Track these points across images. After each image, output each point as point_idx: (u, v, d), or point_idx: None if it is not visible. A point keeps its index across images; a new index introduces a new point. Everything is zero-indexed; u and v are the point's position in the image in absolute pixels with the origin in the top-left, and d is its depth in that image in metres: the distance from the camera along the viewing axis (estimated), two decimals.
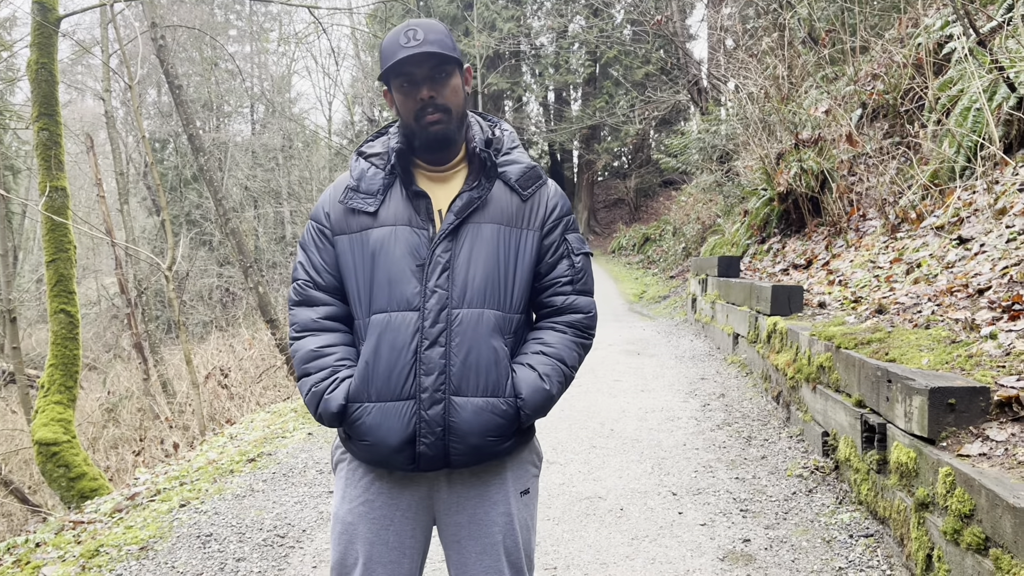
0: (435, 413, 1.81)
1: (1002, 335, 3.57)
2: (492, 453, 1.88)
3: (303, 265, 1.97)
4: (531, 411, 1.88)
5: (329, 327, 1.94)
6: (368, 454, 1.88)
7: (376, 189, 1.92)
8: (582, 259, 2.02)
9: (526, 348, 1.97)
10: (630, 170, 32.76)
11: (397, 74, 1.86)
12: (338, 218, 1.94)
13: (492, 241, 1.88)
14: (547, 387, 1.89)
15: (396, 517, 1.94)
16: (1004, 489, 2.38)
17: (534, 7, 32.80)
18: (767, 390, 6.27)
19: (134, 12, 21.14)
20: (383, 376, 1.82)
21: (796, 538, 3.68)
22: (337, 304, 1.96)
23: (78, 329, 9.21)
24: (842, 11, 11.15)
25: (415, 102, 1.86)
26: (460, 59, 1.91)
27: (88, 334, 23.42)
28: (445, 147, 1.93)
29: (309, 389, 1.87)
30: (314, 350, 1.90)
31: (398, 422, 1.81)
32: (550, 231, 1.97)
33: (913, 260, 5.78)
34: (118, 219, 20.48)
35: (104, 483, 8.56)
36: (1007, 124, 5.92)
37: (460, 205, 1.89)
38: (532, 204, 1.96)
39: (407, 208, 1.90)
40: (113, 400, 16.31)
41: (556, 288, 1.99)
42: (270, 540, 4.12)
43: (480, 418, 1.82)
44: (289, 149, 32.68)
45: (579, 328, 2.00)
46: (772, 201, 10.50)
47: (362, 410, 1.83)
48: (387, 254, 1.86)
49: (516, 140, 2.04)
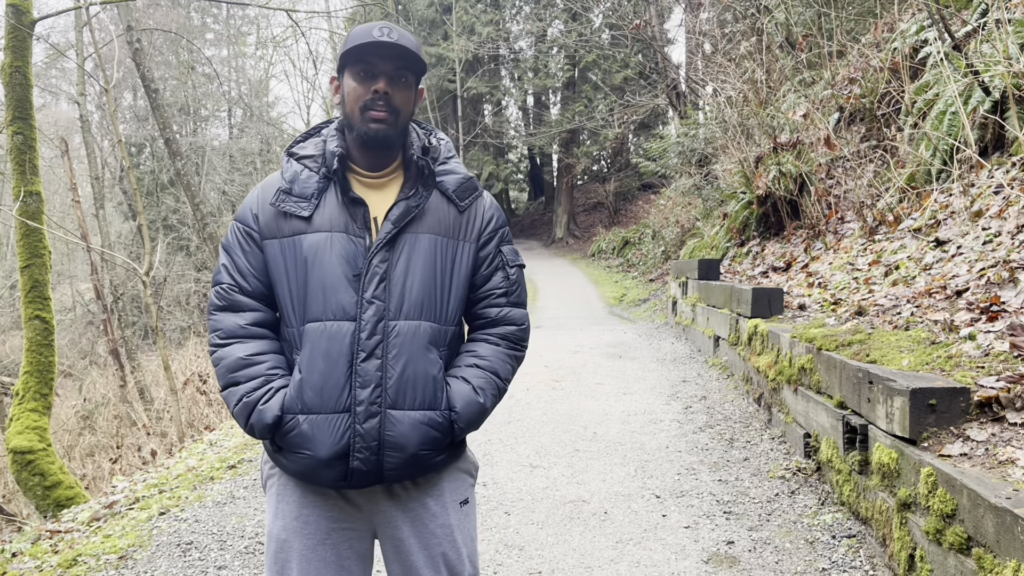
0: (370, 427, 1.76)
1: (981, 336, 3.61)
2: (427, 466, 1.86)
3: (227, 268, 1.88)
4: (465, 424, 1.86)
5: (258, 334, 1.87)
6: (299, 467, 1.82)
7: (310, 193, 1.85)
8: (516, 271, 2.01)
9: (460, 361, 1.94)
10: (609, 174, 32.84)
11: (358, 60, 1.81)
12: (268, 221, 1.86)
13: (429, 252, 1.86)
14: (481, 400, 1.88)
15: (333, 531, 1.88)
16: (986, 488, 2.40)
17: (513, 11, 32.84)
18: (749, 392, 6.30)
19: (110, 15, 20.92)
20: (316, 388, 1.77)
21: (779, 539, 3.70)
22: (264, 310, 1.89)
23: (53, 335, 9.08)
24: (819, 16, 11.26)
25: (368, 92, 1.81)
26: (422, 72, 1.89)
27: (63, 341, 23.12)
28: (382, 148, 1.88)
29: (240, 399, 1.80)
30: (243, 358, 1.82)
31: (331, 435, 1.76)
32: (486, 243, 1.96)
33: (891, 262, 5.83)
34: (94, 224, 20.26)
35: (80, 491, 8.43)
36: (982, 127, 5.99)
37: (397, 214, 1.84)
38: (469, 215, 1.94)
39: (343, 214, 1.84)
40: (89, 407, 16.10)
41: (491, 300, 1.98)
42: (252, 547, 4.07)
43: (417, 431, 1.79)
44: (267, 153, 32.46)
45: (512, 340, 1.99)
46: (751, 204, 10.57)
47: (294, 422, 1.77)
48: (322, 261, 1.80)
49: (452, 150, 2.01)
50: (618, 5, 22.21)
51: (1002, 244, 4.63)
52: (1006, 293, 3.94)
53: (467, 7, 30.29)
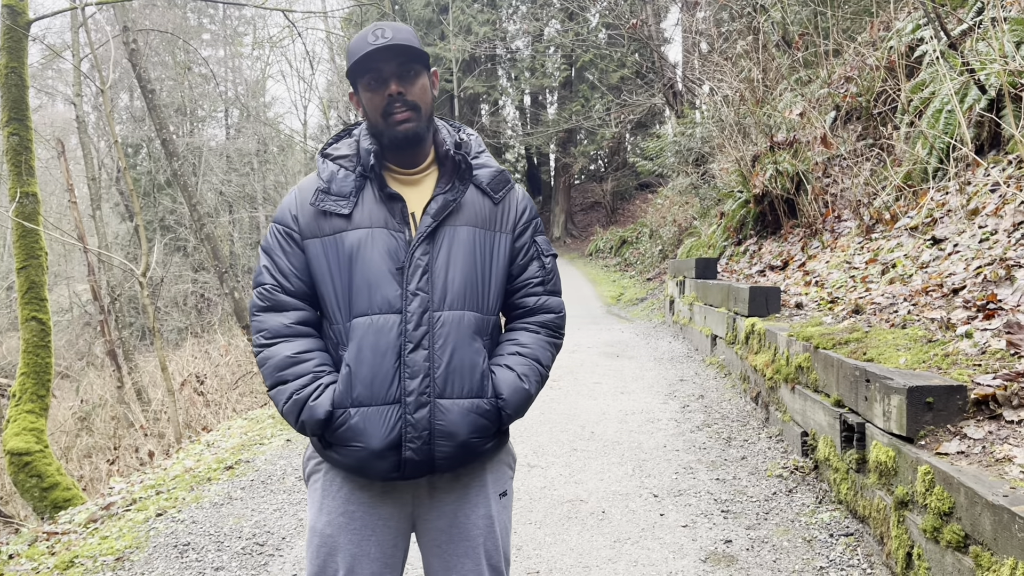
0: (421, 416, 1.79)
1: (977, 334, 3.61)
2: (477, 454, 1.89)
3: (268, 270, 1.90)
4: (512, 411, 1.90)
5: (303, 332, 1.89)
6: (351, 461, 1.84)
7: (348, 191, 1.88)
8: (551, 260, 2.06)
9: (501, 349, 1.98)
10: (606, 173, 32.87)
11: (364, 71, 1.83)
12: (308, 221, 1.88)
13: (469, 243, 1.89)
14: (526, 386, 1.91)
15: (378, 527, 1.91)
16: (983, 486, 2.40)
17: (510, 11, 32.84)
18: (746, 391, 6.30)
19: (106, 16, 20.88)
20: (366, 381, 1.79)
21: (777, 538, 3.70)
22: (308, 309, 1.91)
23: (50, 337, 9.06)
24: (815, 15, 11.27)
25: (382, 98, 1.84)
26: (427, 58, 1.89)
27: (60, 342, 23.08)
28: (414, 146, 1.90)
29: (289, 396, 1.81)
30: (290, 356, 1.84)
31: (383, 427, 1.78)
32: (521, 233, 2.00)
33: (888, 260, 5.84)
34: (90, 225, 20.22)
35: (78, 493, 8.42)
36: (978, 126, 6.00)
37: (436, 208, 1.87)
38: (503, 207, 1.97)
39: (381, 210, 1.87)
40: (86, 408, 16.06)
41: (528, 289, 2.02)
42: (249, 548, 4.07)
43: (466, 419, 1.83)
44: (264, 153, 32.46)
45: (551, 328, 2.03)
46: (748, 203, 10.58)
47: (345, 415, 1.79)
48: (365, 257, 1.83)
49: (482, 144, 2.04)
50: (615, 4, 22.22)
51: (999, 242, 4.64)
52: (1003, 291, 3.94)
53: (464, 7, 30.29)
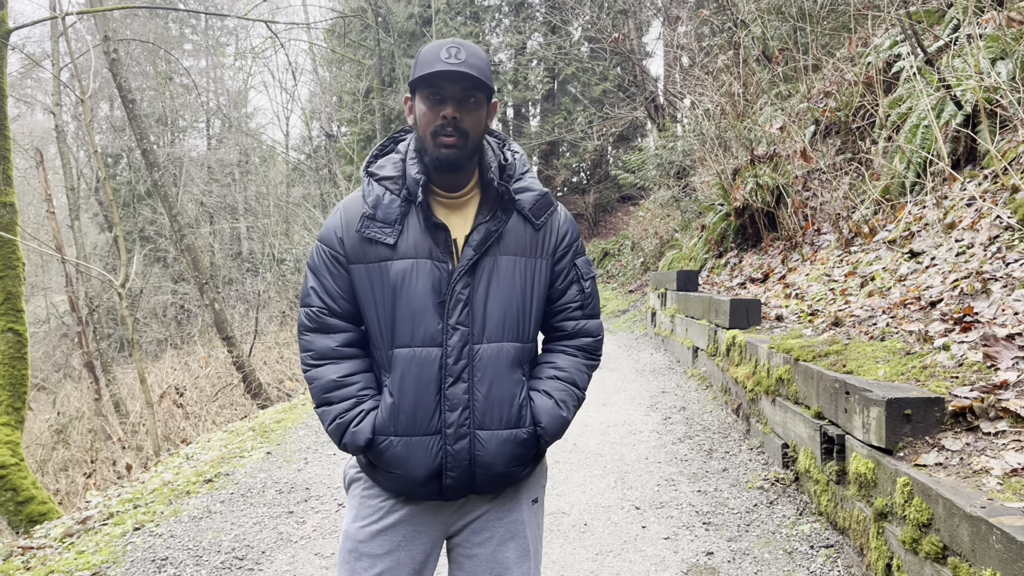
0: (460, 448, 1.83)
1: (955, 346, 3.65)
2: (514, 480, 1.93)
3: (316, 291, 1.92)
4: (550, 437, 1.93)
5: (348, 354, 1.91)
6: (395, 484, 1.89)
7: (393, 218, 1.86)
8: (590, 283, 2.05)
9: (539, 372, 2.00)
10: (589, 186, 32.97)
11: (428, 85, 1.81)
12: (353, 246, 1.88)
13: (509, 274, 1.89)
14: (564, 414, 1.94)
15: (411, 536, 1.94)
16: (961, 498, 2.43)
17: (492, 24, 32.98)
18: (727, 403, 6.33)
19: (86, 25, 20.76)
20: (409, 412, 1.82)
21: (758, 550, 3.71)
22: (354, 330, 1.93)
23: (26, 348, 8.96)
24: (795, 30, 11.39)
25: (437, 117, 1.82)
26: (493, 91, 1.89)
27: (37, 353, 22.81)
28: (454, 171, 1.88)
29: (333, 420, 1.86)
30: (335, 380, 1.88)
31: (425, 456, 1.83)
32: (561, 257, 1.99)
33: (867, 273, 5.89)
34: (69, 235, 20.04)
35: (53, 507, 8.31)
36: (954, 141, 6.08)
37: (478, 239, 1.86)
38: (544, 232, 1.96)
39: (426, 240, 1.85)
40: (63, 421, 15.87)
41: (567, 313, 2.02)
42: (228, 563, 4.03)
43: (504, 449, 1.86)
44: (246, 164, 32.33)
45: (588, 351, 2.04)
46: (729, 216, 10.65)
47: (388, 443, 1.84)
48: (409, 289, 1.83)
49: (527, 163, 2.02)
50: (597, 19, 22.37)
51: (975, 256, 4.69)
52: (979, 304, 3.99)
53: (447, 19, 30.39)
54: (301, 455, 6.20)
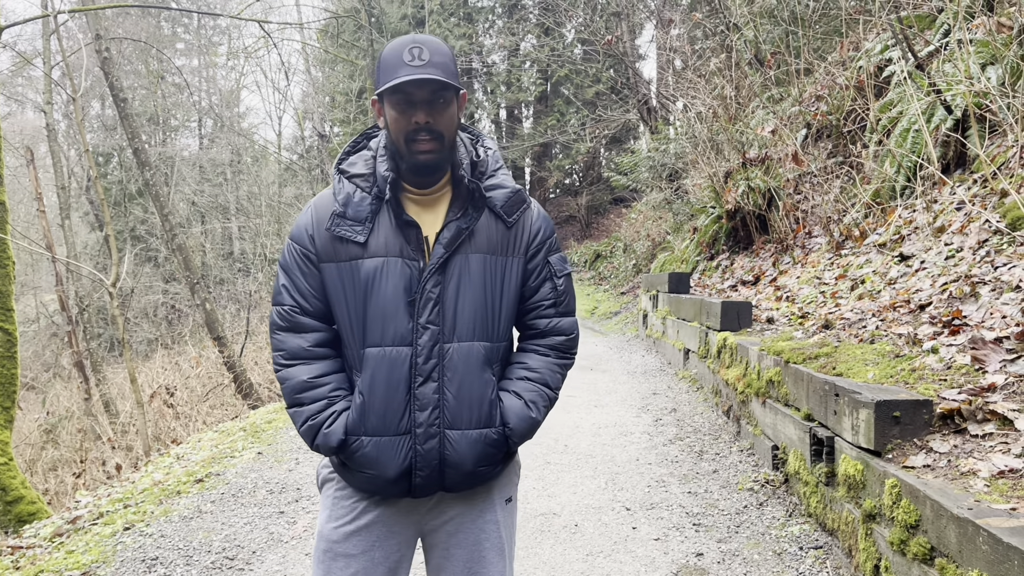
0: (430, 447, 1.83)
1: (943, 349, 3.67)
2: (484, 479, 1.93)
3: (287, 289, 1.90)
4: (518, 438, 1.93)
5: (319, 354, 1.90)
6: (367, 485, 1.89)
7: (364, 216, 1.84)
8: (564, 280, 2.02)
9: (510, 372, 1.98)
10: (581, 187, 33.03)
11: (394, 91, 1.78)
12: (324, 244, 1.86)
13: (479, 272, 1.87)
14: (533, 415, 1.93)
15: (385, 535, 1.94)
16: (948, 500, 2.45)
17: (486, 25, 33.02)
18: (718, 404, 6.35)
19: (78, 24, 20.70)
20: (379, 412, 1.82)
21: (748, 551, 3.73)
22: (326, 329, 1.92)
23: (16, 347, 8.91)
24: (787, 34, 11.44)
25: (409, 124, 1.79)
26: (461, 86, 1.85)
27: (27, 353, 22.68)
28: (432, 173, 1.87)
29: (305, 421, 1.85)
30: (307, 380, 1.87)
31: (394, 456, 1.82)
32: (534, 255, 1.96)
33: (857, 276, 5.92)
34: (59, 234, 19.95)
35: (43, 507, 8.26)
36: (944, 145, 6.12)
37: (448, 237, 1.84)
38: (517, 230, 1.94)
39: (397, 238, 1.84)
40: (53, 420, 15.79)
41: (539, 311, 2.00)
42: (219, 563, 4.02)
43: (474, 449, 1.86)
44: (238, 164, 32.23)
45: (561, 350, 2.02)
46: (720, 218, 10.69)
47: (359, 443, 1.83)
48: (380, 288, 1.82)
49: (500, 160, 2.00)
50: (590, 21, 22.43)
51: (964, 259, 4.73)
52: (967, 307, 4.02)
53: (440, 20, 30.41)
54: (292, 455, 6.19)
